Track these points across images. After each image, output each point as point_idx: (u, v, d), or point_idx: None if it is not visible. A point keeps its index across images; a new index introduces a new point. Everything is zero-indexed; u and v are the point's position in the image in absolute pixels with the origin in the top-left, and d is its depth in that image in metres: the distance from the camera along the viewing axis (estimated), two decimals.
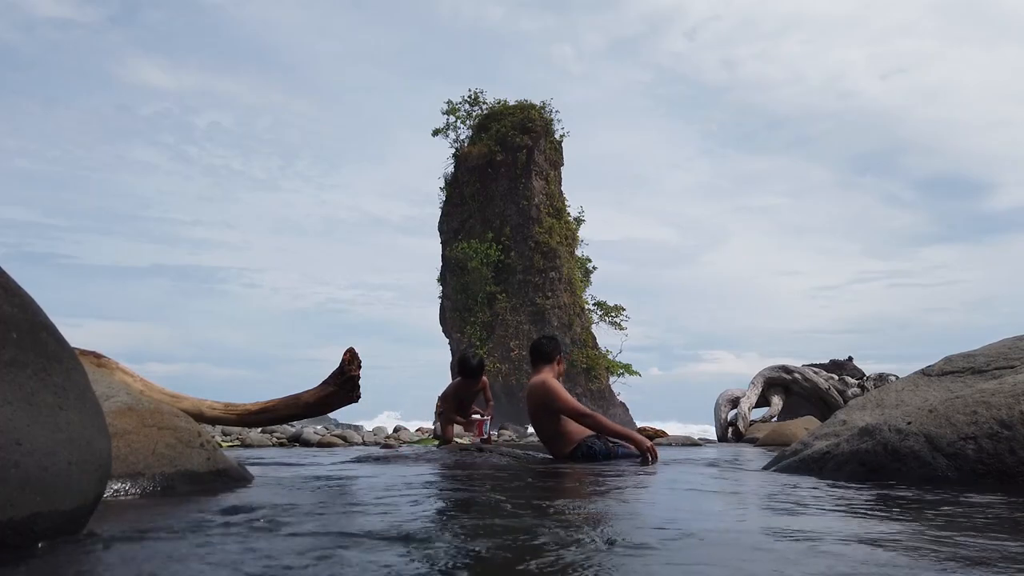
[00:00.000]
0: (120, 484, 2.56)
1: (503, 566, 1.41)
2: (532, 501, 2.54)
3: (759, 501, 2.64)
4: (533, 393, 5.21)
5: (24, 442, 1.40)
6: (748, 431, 12.17)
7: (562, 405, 5.05)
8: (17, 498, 1.36)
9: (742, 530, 1.90)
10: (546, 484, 3.32)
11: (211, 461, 2.97)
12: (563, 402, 5.05)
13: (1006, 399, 3.03)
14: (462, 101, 34.73)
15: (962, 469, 2.95)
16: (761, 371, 13.38)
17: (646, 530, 1.89)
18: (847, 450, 3.46)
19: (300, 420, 6.64)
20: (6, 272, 1.59)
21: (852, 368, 15.03)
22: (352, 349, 4.76)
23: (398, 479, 3.38)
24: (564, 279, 31.70)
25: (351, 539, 1.66)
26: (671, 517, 2.13)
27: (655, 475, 3.84)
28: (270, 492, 2.76)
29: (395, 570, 1.34)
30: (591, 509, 2.41)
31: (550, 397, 5.07)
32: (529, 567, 1.39)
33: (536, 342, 5.46)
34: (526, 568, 1.38)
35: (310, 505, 2.35)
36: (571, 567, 1.40)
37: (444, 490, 3.00)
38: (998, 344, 4.31)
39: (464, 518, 2.15)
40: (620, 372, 33.01)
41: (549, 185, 32.96)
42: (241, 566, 1.36)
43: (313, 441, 10.27)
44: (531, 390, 5.25)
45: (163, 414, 2.97)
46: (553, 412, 5.08)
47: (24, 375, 1.48)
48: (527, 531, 1.81)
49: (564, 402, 5.04)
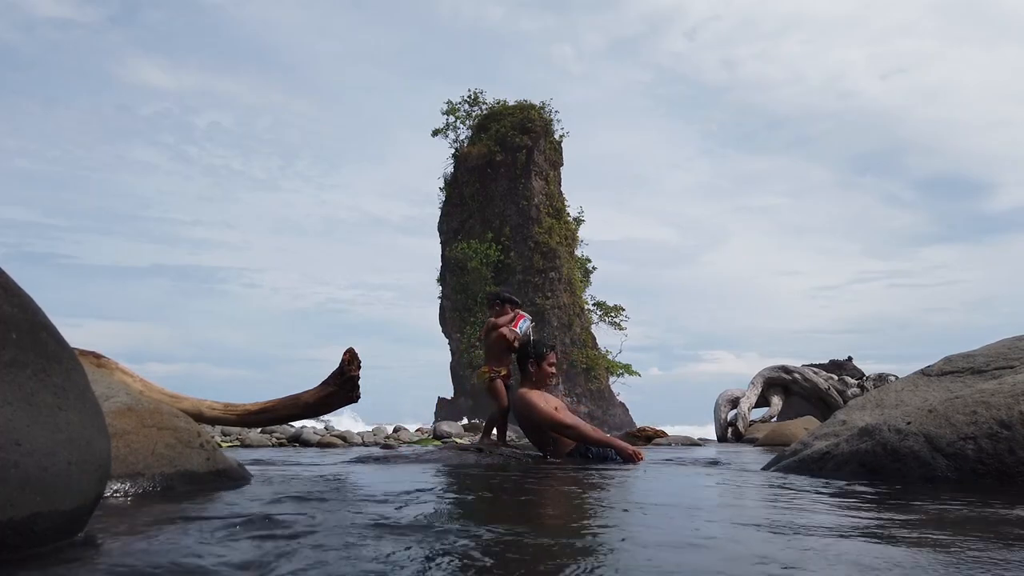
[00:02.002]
0: (120, 484, 2.56)
1: (503, 566, 1.41)
2: (532, 501, 2.55)
3: (758, 501, 2.64)
4: (515, 407, 5.26)
5: (24, 442, 1.40)
6: (748, 431, 12.17)
7: (542, 419, 5.04)
8: (17, 498, 1.36)
9: (741, 530, 1.90)
10: (546, 485, 3.32)
11: (211, 461, 2.97)
12: (542, 416, 5.03)
13: (1006, 399, 3.03)
14: (462, 101, 34.75)
15: (962, 469, 2.95)
16: (761, 371, 13.39)
17: (643, 530, 1.89)
18: (847, 450, 3.46)
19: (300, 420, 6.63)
20: (6, 272, 1.59)
21: (852, 368, 15.03)
22: (352, 349, 4.76)
23: (398, 479, 3.38)
24: (564, 279, 31.70)
25: (351, 539, 1.66)
26: (670, 517, 2.13)
27: (653, 476, 3.84)
28: (269, 492, 2.76)
29: (394, 570, 1.34)
30: (589, 510, 2.41)
31: (530, 411, 5.08)
32: (529, 567, 1.39)
33: (518, 351, 5.47)
34: (526, 568, 1.38)
35: (309, 506, 2.35)
36: (571, 568, 1.40)
37: (444, 491, 3.00)
38: (998, 344, 4.31)
39: (463, 519, 2.15)
40: (620, 372, 33.01)
41: (549, 185, 32.96)
42: (240, 566, 1.36)
43: (313, 441, 10.27)
44: (513, 404, 5.31)
45: (163, 414, 2.97)
46: (537, 423, 5.09)
47: (24, 375, 1.48)
48: (527, 531, 1.81)
49: (544, 416, 5.03)
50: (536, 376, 5.30)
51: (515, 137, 32.31)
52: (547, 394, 5.31)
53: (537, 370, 5.30)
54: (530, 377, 5.29)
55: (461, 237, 32.17)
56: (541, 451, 5.20)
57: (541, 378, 5.32)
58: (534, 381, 5.29)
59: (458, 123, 34.75)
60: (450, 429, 13.48)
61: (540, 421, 5.05)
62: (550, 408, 5.08)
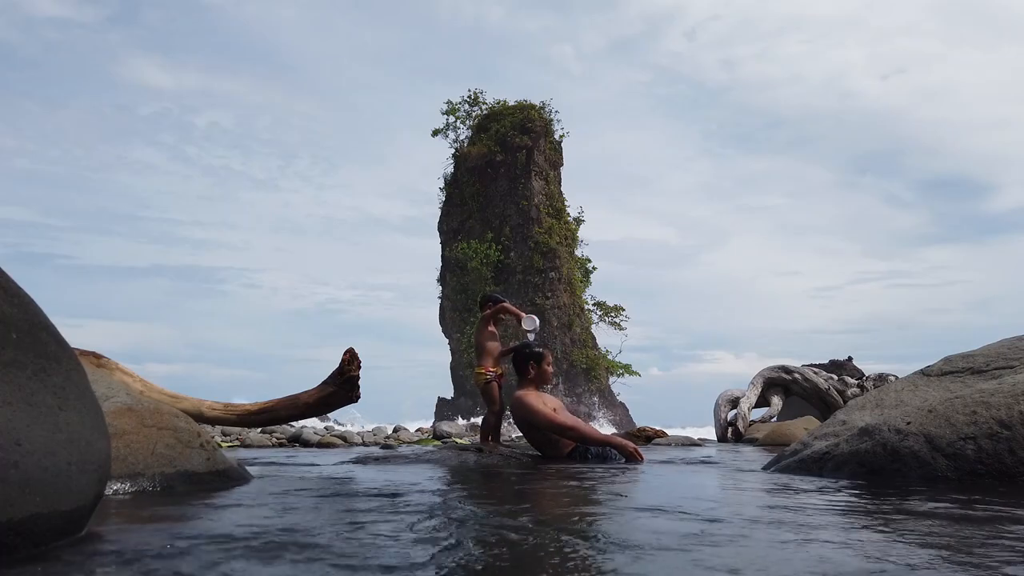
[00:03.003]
0: (120, 484, 2.56)
1: (503, 566, 1.41)
2: (531, 501, 2.55)
3: (757, 501, 2.64)
4: (513, 410, 5.27)
5: (24, 442, 1.40)
6: (748, 431, 12.16)
7: (541, 421, 5.04)
8: (17, 499, 1.36)
9: (739, 530, 1.90)
10: (546, 485, 3.32)
11: (210, 461, 2.97)
12: (541, 418, 5.03)
13: (1005, 399, 3.03)
14: (462, 101, 34.73)
15: (961, 469, 2.95)
16: (761, 371, 13.38)
17: (641, 530, 1.89)
18: (847, 450, 3.46)
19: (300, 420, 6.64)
20: (6, 272, 1.59)
21: (852, 368, 15.03)
22: (352, 349, 4.77)
23: (397, 479, 3.38)
24: (564, 279, 31.69)
25: (351, 539, 1.66)
26: (668, 517, 2.13)
27: (653, 475, 3.84)
28: (269, 492, 2.76)
29: (394, 570, 1.34)
30: (588, 510, 2.41)
31: (528, 414, 5.09)
32: (528, 568, 1.39)
33: (515, 354, 5.51)
34: (525, 569, 1.38)
35: (309, 506, 2.35)
36: (571, 568, 1.40)
37: (444, 491, 3.00)
38: (998, 344, 4.31)
39: (464, 518, 2.15)
40: (620, 372, 32.98)
41: (549, 185, 32.95)
42: (240, 566, 1.36)
43: (313, 441, 10.26)
44: (511, 407, 5.31)
45: (163, 414, 2.97)
46: (536, 425, 5.10)
47: (24, 376, 1.48)
48: (526, 532, 1.81)
49: (542, 418, 5.03)
50: (535, 377, 5.30)
51: (515, 137, 32.30)
52: (545, 395, 5.31)
53: (537, 371, 5.30)
54: (529, 378, 5.29)
55: (461, 237, 32.17)
56: (540, 451, 5.20)
57: (541, 379, 5.32)
58: (533, 382, 5.29)
59: (458, 123, 34.74)
60: (450, 429, 13.49)
61: (539, 424, 5.05)
62: (548, 410, 5.08)
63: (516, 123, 32.88)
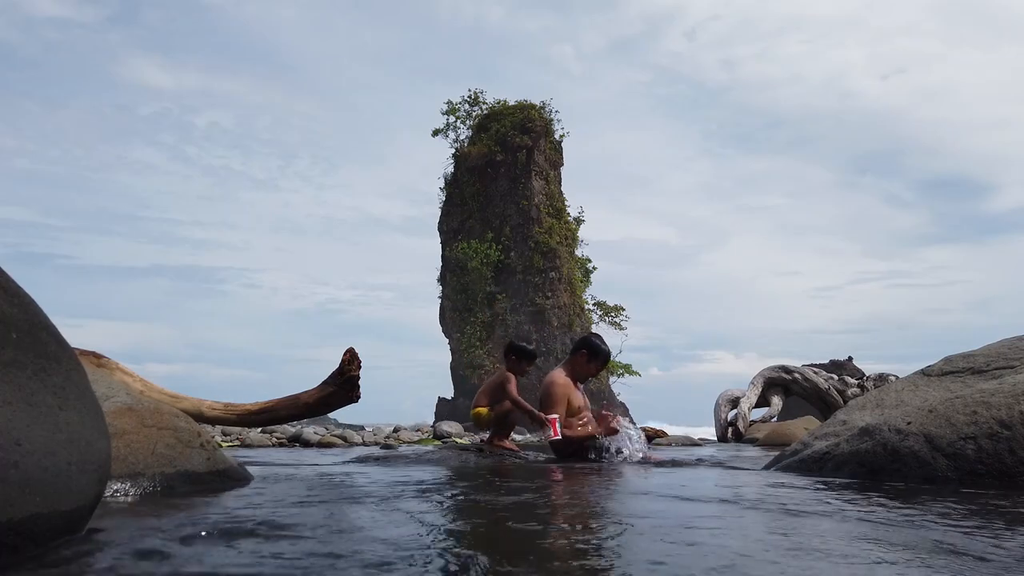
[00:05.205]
0: (120, 484, 2.55)
1: (504, 565, 1.41)
2: (531, 502, 2.54)
3: (757, 501, 2.64)
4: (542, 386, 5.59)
5: (24, 442, 1.40)
6: (748, 431, 12.17)
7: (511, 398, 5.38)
8: (17, 499, 1.36)
9: (739, 530, 1.90)
10: (545, 486, 3.32)
11: (211, 461, 2.97)
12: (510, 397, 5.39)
13: (1006, 399, 3.03)
14: (462, 101, 34.71)
15: (962, 469, 2.95)
16: (761, 371, 13.39)
17: (640, 531, 1.89)
18: (847, 450, 3.45)
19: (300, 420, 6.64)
20: (6, 272, 1.59)
21: (852, 368, 15.05)
22: (352, 349, 4.76)
23: (397, 480, 3.38)
24: (564, 279, 31.67)
25: (351, 539, 1.66)
26: (667, 517, 2.13)
27: (653, 476, 3.84)
28: (270, 492, 2.76)
29: (393, 570, 1.34)
30: (588, 510, 2.41)
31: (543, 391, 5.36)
32: (526, 567, 1.39)
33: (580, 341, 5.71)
34: (526, 567, 1.38)
35: (309, 505, 2.35)
36: (570, 566, 1.40)
37: (444, 491, 3.00)
38: (998, 344, 4.31)
39: (464, 520, 2.15)
40: (620, 372, 32.99)
41: (549, 185, 32.94)
42: (239, 567, 1.36)
43: (313, 441, 10.27)
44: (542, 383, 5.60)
45: (163, 414, 2.97)
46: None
47: (24, 376, 1.48)
48: (526, 531, 1.81)
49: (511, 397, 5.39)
50: (576, 368, 5.47)
51: (515, 137, 32.28)
52: (572, 387, 5.38)
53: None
54: (571, 365, 5.49)
55: (461, 237, 32.15)
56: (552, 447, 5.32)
57: (581, 372, 5.48)
58: (574, 370, 5.47)
59: (458, 123, 34.73)
60: (450, 429, 13.49)
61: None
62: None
63: (516, 123, 32.86)
